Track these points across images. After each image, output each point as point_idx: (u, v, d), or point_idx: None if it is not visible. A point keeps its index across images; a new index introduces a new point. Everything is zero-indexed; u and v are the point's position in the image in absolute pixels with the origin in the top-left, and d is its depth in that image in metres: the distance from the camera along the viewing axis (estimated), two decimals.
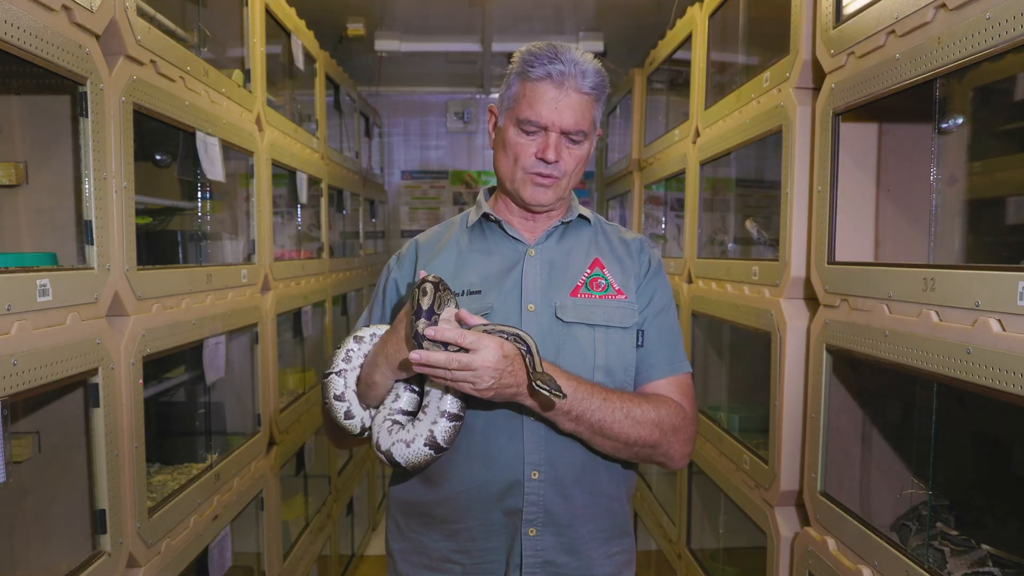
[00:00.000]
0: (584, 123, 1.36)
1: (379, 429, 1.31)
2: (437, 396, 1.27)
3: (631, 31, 4.10)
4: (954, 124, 1.73)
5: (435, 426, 1.25)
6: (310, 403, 3.11)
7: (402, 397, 1.33)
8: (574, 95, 1.34)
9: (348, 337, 1.38)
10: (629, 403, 1.33)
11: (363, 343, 1.37)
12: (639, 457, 1.38)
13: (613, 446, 1.33)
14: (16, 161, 1.61)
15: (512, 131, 1.38)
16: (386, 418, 1.32)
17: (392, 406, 1.33)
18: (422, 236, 1.54)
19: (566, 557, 1.38)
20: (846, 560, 1.75)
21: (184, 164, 2.20)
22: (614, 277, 1.44)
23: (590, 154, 1.44)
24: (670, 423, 1.36)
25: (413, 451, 1.26)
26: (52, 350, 1.37)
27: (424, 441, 1.25)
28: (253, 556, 2.50)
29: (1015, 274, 1.25)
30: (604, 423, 1.30)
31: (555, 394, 1.18)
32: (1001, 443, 1.85)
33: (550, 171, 1.37)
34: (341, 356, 1.36)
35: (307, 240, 3.34)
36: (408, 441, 1.26)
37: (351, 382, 1.36)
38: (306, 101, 3.46)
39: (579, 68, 1.34)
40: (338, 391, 1.35)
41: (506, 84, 1.41)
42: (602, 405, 1.29)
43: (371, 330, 1.38)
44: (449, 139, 5.58)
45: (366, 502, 4.29)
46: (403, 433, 1.28)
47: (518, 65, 1.37)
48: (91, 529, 1.57)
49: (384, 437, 1.29)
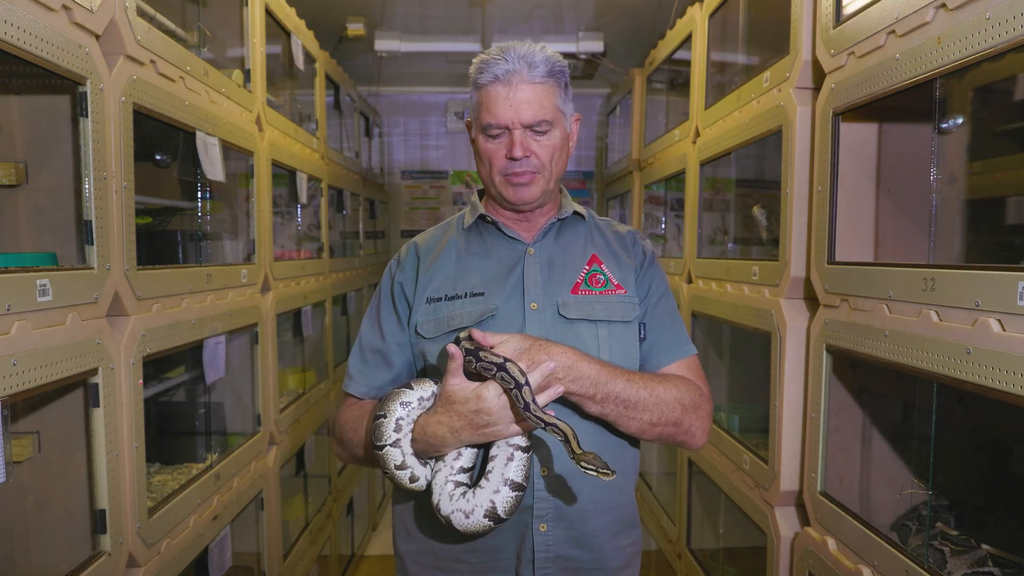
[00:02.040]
0: (545, 112, 1.36)
1: (440, 491, 1.29)
2: (502, 463, 1.26)
3: (631, 31, 4.10)
4: (954, 124, 1.73)
5: (496, 496, 1.24)
6: (310, 403, 3.11)
7: (464, 455, 1.31)
8: (526, 88, 1.35)
9: (392, 402, 1.32)
10: (651, 381, 1.35)
11: (411, 408, 1.32)
12: (663, 437, 1.39)
13: (638, 426, 1.34)
14: (16, 161, 1.61)
15: (482, 139, 1.40)
16: (448, 479, 1.29)
17: (453, 464, 1.30)
18: (420, 239, 1.54)
19: (577, 550, 1.38)
20: (846, 560, 1.75)
21: (184, 164, 2.20)
22: (612, 272, 1.46)
23: (570, 141, 1.45)
24: (690, 400, 1.38)
25: (472, 522, 1.25)
26: (52, 350, 1.37)
27: (484, 512, 1.24)
28: (253, 556, 2.50)
29: (1015, 274, 1.25)
30: (630, 401, 1.31)
31: (603, 472, 1.16)
32: (1001, 443, 1.85)
33: (523, 168, 1.38)
34: (391, 426, 1.30)
35: (307, 240, 3.34)
36: (467, 512, 1.25)
37: (407, 447, 1.31)
38: (306, 101, 3.46)
39: (526, 61, 1.35)
40: (398, 461, 1.31)
41: (469, 97, 1.43)
42: (626, 386, 1.30)
43: (417, 393, 1.32)
44: (449, 139, 5.58)
45: (366, 502, 4.29)
46: (463, 502, 1.26)
47: (472, 75, 1.39)
48: (91, 529, 1.57)
49: (445, 502, 1.27)
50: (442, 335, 1.39)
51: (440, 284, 1.43)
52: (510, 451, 1.26)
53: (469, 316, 1.38)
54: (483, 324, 1.37)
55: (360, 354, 1.50)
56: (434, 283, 1.44)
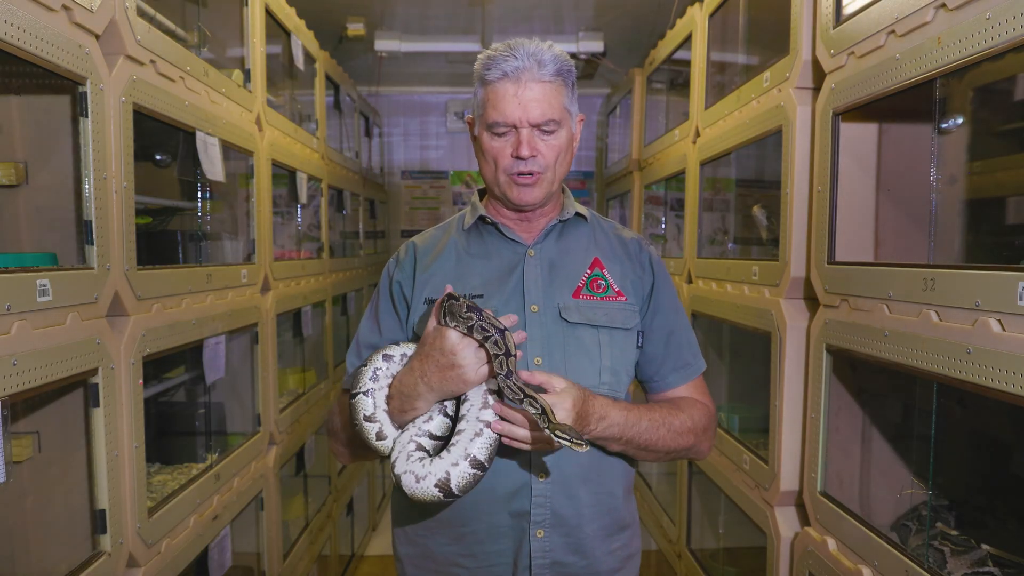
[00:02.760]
0: (553, 111, 1.35)
1: (401, 449, 1.25)
2: (468, 437, 1.21)
3: (631, 31, 4.10)
4: (954, 124, 1.73)
5: (454, 469, 1.19)
6: (310, 403, 3.11)
7: (434, 419, 1.28)
8: (535, 86, 1.33)
9: (375, 355, 1.32)
10: (669, 416, 1.38)
11: (392, 362, 1.32)
12: (672, 459, 1.45)
13: (654, 456, 1.40)
14: (16, 161, 1.60)
15: (486, 136, 1.38)
16: (412, 438, 1.26)
17: (422, 426, 1.27)
18: (418, 239, 1.53)
19: (573, 556, 1.38)
20: (846, 560, 1.75)
21: (184, 164, 2.20)
22: (614, 278, 1.44)
23: (574, 143, 1.43)
24: (702, 425, 1.43)
25: (421, 488, 1.19)
26: (52, 350, 1.37)
27: (436, 482, 1.19)
28: (253, 556, 2.50)
29: (1015, 274, 1.25)
30: (650, 442, 1.35)
31: (576, 443, 1.13)
32: (1001, 443, 1.85)
33: (529, 167, 1.36)
34: (368, 375, 1.30)
35: (307, 240, 3.34)
36: (419, 476, 1.20)
37: (380, 401, 1.30)
38: (306, 101, 3.46)
39: (535, 59, 1.33)
40: (367, 411, 1.29)
41: (473, 93, 1.41)
42: (648, 427, 1.34)
43: (401, 349, 1.33)
44: (449, 139, 5.58)
45: (366, 502, 4.29)
46: (418, 466, 1.21)
47: (478, 71, 1.37)
48: (91, 529, 1.57)
49: (401, 461, 1.23)
50: None
51: (439, 285, 1.42)
52: (479, 426, 1.21)
53: None
54: None
55: (357, 351, 1.50)
56: (433, 283, 1.43)
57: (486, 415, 1.22)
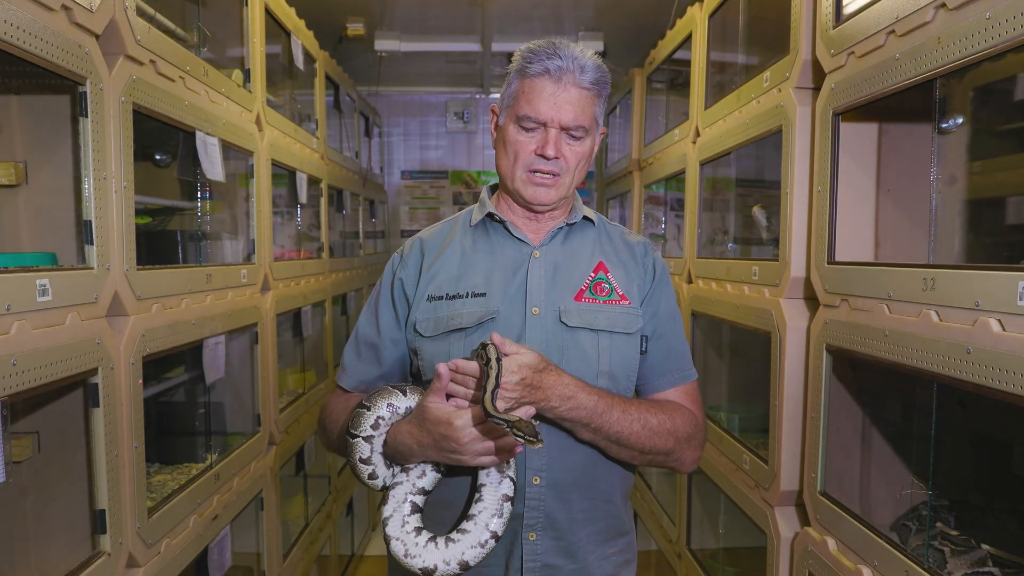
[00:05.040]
0: (584, 118, 1.35)
1: (396, 507, 1.29)
2: (468, 544, 1.25)
3: (631, 31, 4.10)
4: (954, 124, 1.73)
5: (444, 566, 1.24)
6: (310, 403, 3.11)
7: (427, 476, 1.31)
8: (573, 90, 1.33)
9: (381, 399, 1.32)
10: (646, 413, 1.34)
11: (396, 413, 1.32)
12: (651, 463, 1.41)
13: (629, 454, 1.36)
14: (16, 161, 1.61)
15: (512, 128, 1.37)
16: (407, 495, 1.30)
17: (416, 482, 1.31)
18: (425, 234, 1.52)
19: (563, 560, 1.38)
20: (846, 560, 1.75)
21: (184, 164, 2.20)
22: (618, 281, 1.43)
23: (593, 152, 1.43)
24: (684, 431, 1.38)
25: (407, 562, 1.25)
26: (52, 350, 1.37)
27: (421, 565, 1.24)
28: (253, 556, 2.50)
29: (1015, 274, 1.25)
30: (622, 435, 1.31)
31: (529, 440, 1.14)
32: (1001, 443, 1.85)
33: (550, 167, 1.36)
34: (370, 422, 1.31)
35: (307, 240, 3.34)
36: (410, 553, 1.25)
37: (378, 446, 1.33)
38: (306, 101, 3.46)
39: (578, 63, 1.33)
40: (364, 455, 1.32)
41: (506, 82, 1.40)
42: (621, 417, 1.31)
43: (406, 402, 1.33)
44: (449, 139, 5.58)
45: (366, 502, 4.28)
46: (411, 540, 1.26)
47: (517, 62, 1.37)
48: (91, 529, 1.57)
49: (395, 523, 1.28)
50: (440, 334, 1.38)
51: (443, 282, 1.42)
52: (485, 536, 1.25)
53: (469, 317, 1.37)
54: (483, 326, 1.36)
55: (355, 346, 1.50)
56: (436, 281, 1.42)
57: (495, 525, 1.26)
